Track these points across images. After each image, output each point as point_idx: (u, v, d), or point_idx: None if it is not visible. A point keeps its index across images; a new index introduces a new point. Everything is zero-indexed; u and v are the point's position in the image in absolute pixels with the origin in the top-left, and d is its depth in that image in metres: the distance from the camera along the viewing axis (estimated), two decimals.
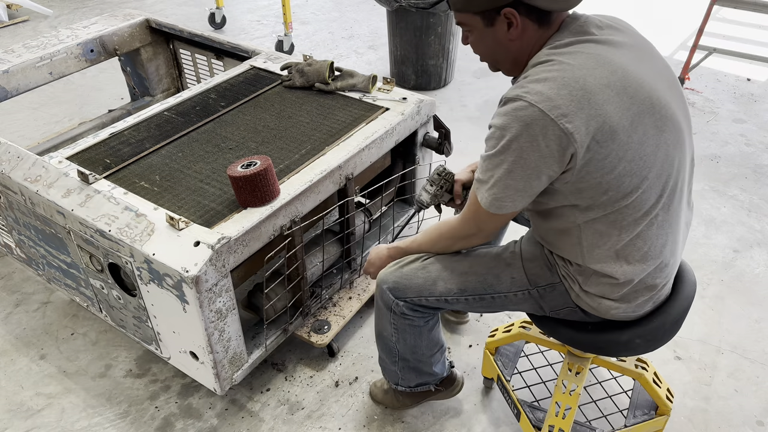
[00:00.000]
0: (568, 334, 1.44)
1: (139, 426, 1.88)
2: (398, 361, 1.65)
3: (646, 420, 1.68)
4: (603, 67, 1.15)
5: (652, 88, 1.19)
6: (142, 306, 1.71)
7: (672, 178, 1.24)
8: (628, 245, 1.26)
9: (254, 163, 1.62)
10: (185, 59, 2.90)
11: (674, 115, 1.23)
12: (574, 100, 1.11)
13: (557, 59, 1.16)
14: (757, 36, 4.37)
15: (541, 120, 1.11)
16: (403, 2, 3.34)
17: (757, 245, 2.54)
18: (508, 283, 1.44)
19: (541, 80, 1.14)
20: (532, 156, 1.14)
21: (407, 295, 1.48)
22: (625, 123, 1.15)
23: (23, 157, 1.85)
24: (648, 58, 1.25)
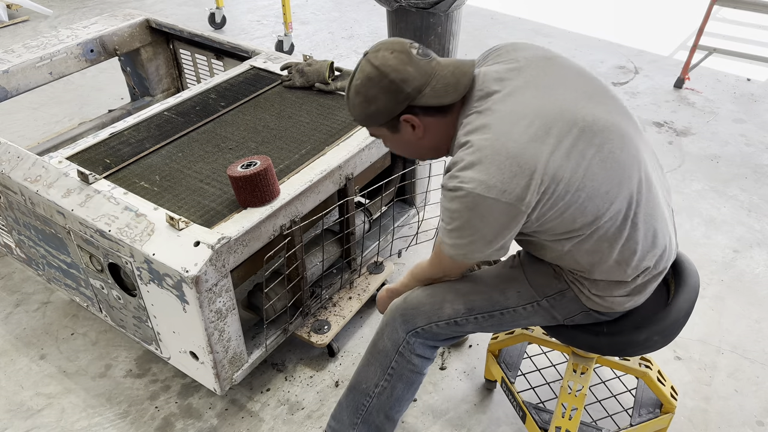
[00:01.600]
0: (587, 341, 1.43)
1: (139, 426, 1.88)
2: (359, 424, 1.55)
3: (652, 418, 1.68)
4: (517, 123, 1.16)
5: (572, 111, 1.19)
6: (142, 306, 1.71)
7: (635, 178, 1.24)
8: (623, 251, 1.27)
9: (254, 163, 1.62)
10: (185, 59, 2.90)
11: (606, 122, 1.22)
12: (505, 171, 1.14)
13: (473, 139, 1.18)
14: (757, 36, 4.37)
15: (483, 202, 1.15)
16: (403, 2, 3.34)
17: (757, 245, 2.54)
18: (515, 297, 1.41)
19: (468, 166, 1.16)
20: (485, 230, 1.19)
21: (417, 324, 1.44)
22: (561, 162, 1.16)
23: (23, 157, 1.85)
24: (558, 80, 1.24)
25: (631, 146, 1.24)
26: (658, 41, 4.35)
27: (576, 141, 1.17)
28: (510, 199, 1.14)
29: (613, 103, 1.27)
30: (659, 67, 4.00)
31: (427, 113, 1.24)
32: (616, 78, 3.86)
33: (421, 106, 1.23)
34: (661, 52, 4.21)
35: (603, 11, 4.87)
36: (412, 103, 1.22)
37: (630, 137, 1.25)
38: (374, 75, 1.22)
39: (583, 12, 4.86)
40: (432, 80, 1.22)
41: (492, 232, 1.19)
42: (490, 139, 1.16)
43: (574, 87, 1.24)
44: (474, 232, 1.20)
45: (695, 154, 3.13)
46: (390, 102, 1.22)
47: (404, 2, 3.33)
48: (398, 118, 1.25)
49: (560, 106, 1.19)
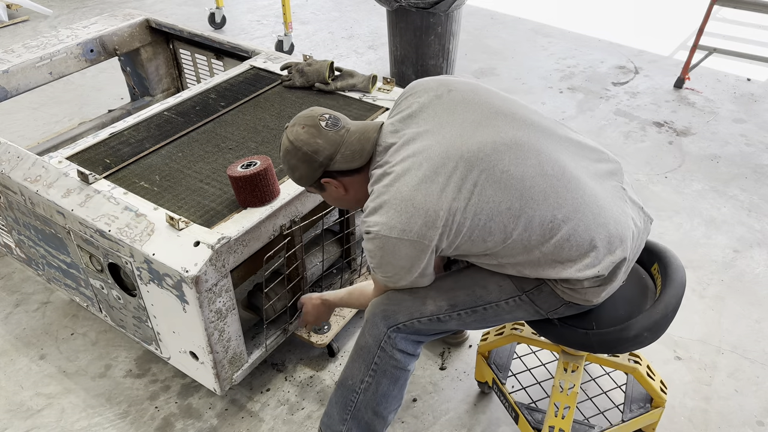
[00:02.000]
0: (577, 339, 1.43)
1: (139, 426, 1.88)
2: (349, 420, 1.56)
3: (643, 413, 1.69)
4: (409, 171, 1.29)
5: (458, 146, 1.30)
6: (142, 306, 1.71)
7: (537, 185, 1.29)
8: (557, 251, 1.30)
9: (254, 163, 1.62)
10: (185, 59, 2.90)
11: (495, 144, 1.30)
12: (403, 213, 1.27)
13: (376, 188, 1.34)
14: (757, 36, 4.37)
15: (389, 242, 1.30)
16: (403, 2, 3.34)
17: (757, 245, 2.54)
18: (496, 291, 1.43)
19: (372, 212, 1.32)
20: (401, 263, 1.34)
21: (399, 320, 1.45)
22: (454, 195, 1.27)
23: (23, 157, 1.85)
24: (446, 118, 1.35)
25: (530, 155, 1.31)
26: (658, 41, 4.35)
27: (464, 173, 1.28)
28: (412, 237, 1.28)
29: (503, 119, 1.35)
30: (659, 67, 4.00)
31: (343, 175, 1.42)
32: (616, 78, 3.86)
33: (336, 171, 1.41)
34: (661, 52, 4.21)
35: (603, 11, 4.87)
36: (327, 169, 1.40)
37: (528, 147, 1.31)
38: (291, 148, 1.41)
39: (583, 12, 4.86)
40: (341, 148, 1.39)
41: (407, 264, 1.34)
42: (387, 186, 1.31)
43: (460, 120, 1.34)
44: (392, 267, 1.35)
45: (695, 154, 3.13)
46: (308, 169, 1.41)
47: (404, 2, 3.34)
48: (320, 181, 1.44)
49: (446, 144, 1.30)
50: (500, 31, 4.51)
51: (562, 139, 1.38)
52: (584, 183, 1.33)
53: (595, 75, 3.89)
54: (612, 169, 1.42)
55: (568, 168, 1.32)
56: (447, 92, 1.39)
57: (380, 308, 1.47)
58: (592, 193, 1.33)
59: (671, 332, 2.15)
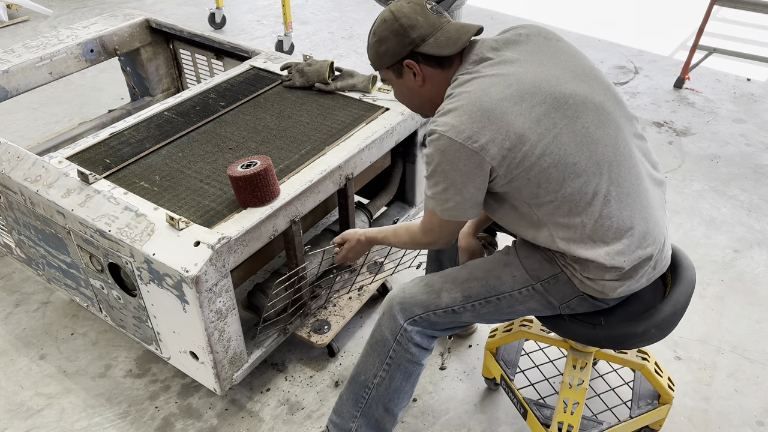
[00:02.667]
0: (585, 334, 1.44)
1: (139, 426, 1.88)
2: (359, 417, 1.57)
3: (650, 410, 1.69)
4: (497, 85, 1.29)
5: (552, 84, 1.30)
6: (142, 306, 1.71)
7: (610, 155, 1.30)
8: (596, 227, 1.30)
9: (254, 163, 1.62)
10: (185, 59, 2.90)
11: (585, 99, 1.31)
12: (476, 121, 1.26)
13: (456, 91, 1.33)
14: (757, 36, 4.37)
15: (452, 146, 1.27)
16: None
17: (757, 245, 2.54)
18: (510, 281, 1.44)
19: (445, 113, 1.30)
20: (455, 175, 1.30)
21: (415, 313, 1.47)
22: (530, 125, 1.26)
23: (23, 157, 1.85)
24: (548, 58, 1.35)
25: (610, 126, 1.32)
26: (658, 41, 4.35)
27: (549, 110, 1.28)
28: (475, 148, 1.26)
29: (600, 86, 1.36)
30: (659, 67, 4.00)
31: (428, 63, 1.38)
32: (616, 78, 3.86)
33: (423, 54, 1.37)
34: (661, 52, 4.21)
35: (603, 11, 4.87)
36: (415, 50, 1.36)
37: (612, 118, 1.33)
38: (389, 18, 1.37)
39: (583, 12, 4.86)
40: (437, 32, 1.36)
41: (461, 178, 1.30)
42: (469, 93, 1.29)
43: (562, 66, 1.34)
44: (445, 178, 1.31)
45: (695, 154, 3.13)
46: (398, 44, 1.37)
47: None
48: (402, 63, 1.39)
49: (541, 78, 1.30)
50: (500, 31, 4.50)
51: (635, 131, 1.42)
52: (642, 176, 1.36)
53: None
54: (661, 180, 1.46)
55: (635, 156, 1.36)
56: (556, 39, 1.41)
57: (397, 301, 1.49)
58: (645, 188, 1.36)
59: (671, 332, 2.15)
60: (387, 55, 1.40)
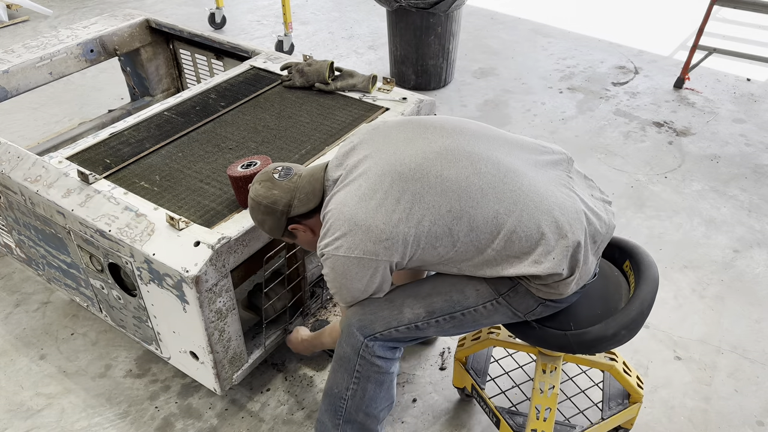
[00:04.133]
0: (557, 341, 1.43)
1: (139, 426, 1.88)
2: (341, 423, 1.56)
3: (622, 410, 1.70)
4: (349, 194, 1.36)
5: (394, 162, 1.36)
6: (142, 306, 1.71)
7: (474, 184, 1.32)
8: (509, 246, 1.32)
9: (254, 163, 1.62)
10: (185, 59, 2.90)
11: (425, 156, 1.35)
12: (347, 233, 1.33)
13: (324, 214, 1.41)
14: (757, 36, 4.37)
15: (338, 261, 1.35)
16: (403, 2, 3.34)
17: (757, 245, 2.54)
18: (474, 296, 1.42)
19: (323, 237, 1.38)
20: (354, 284, 1.39)
21: (376, 330, 1.44)
22: (394, 208, 1.31)
23: (23, 157, 1.85)
24: (383, 138, 1.43)
25: (462, 158, 1.35)
26: (658, 41, 4.35)
27: (402, 186, 1.33)
28: (358, 254, 1.33)
29: (440, 131, 1.41)
30: (659, 67, 4.00)
31: (306, 217, 1.48)
32: (616, 78, 3.86)
33: (298, 216, 1.46)
34: (661, 52, 4.21)
35: (603, 11, 4.87)
36: (289, 216, 1.46)
37: (459, 151, 1.36)
38: (253, 205, 1.47)
39: (583, 12, 4.86)
40: (296, 193, 1.45)
41: (360, 285, 1.39)
42: (331, 211, 1.38)
43: (395, 140, 1.41)
44: (347, 290, 1.40)
45: (695, 154, 3.13)
46: (273, 220, 1.47)
47: (404, 2, 3.34)
48: (287, 229, 1.49)
49: (383, 163, 1.37)
50: (500, 31, 4.51)
51: (497, 140, 1.43)
52: (522, 174, 1.35)
53: (595, 75, 3.89)
54: (556, 160, 1.45)
55: (503, 163, 1.36)
56: (383, 123, 1.49)
57: (356, 318, 1.45)
58: (531, 183, 1.35)
59: (671, 332, 2.15)
60: (274, 230, 1.49)
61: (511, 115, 3.46)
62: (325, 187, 1.46)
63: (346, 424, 1.55)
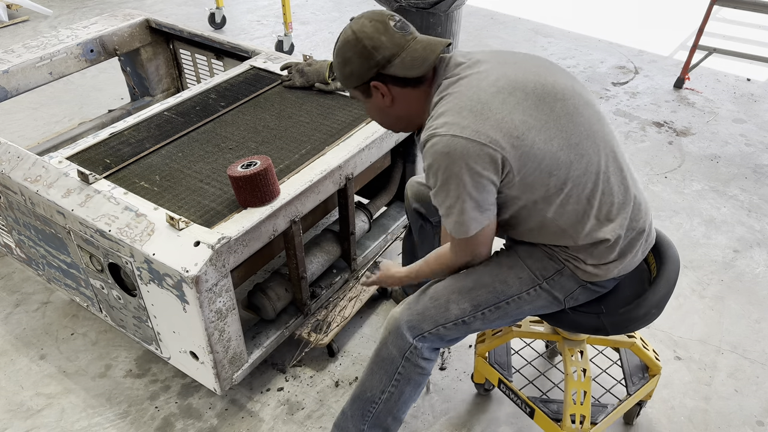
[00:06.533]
0: (590, 323, 1.48)
1: (139, 426, 1.88)
2: (366, 429, 1.56)
3: (644, 384, 1.75)
4: (485, 80, 1.28)
5: (535, 77, 1.30)
6: (142, 306, 1.71)
7: (601, 133, 1.33)
8: (602, 205, 1.33)
9: (254, 163, 1.62)
10: (185, 59, 2.90)
11: (566, 86, 1.33)
12: (477, 114, 1.22)
13: (445, 94, 1.30)
14: (757, 36, 4.37)
15: (457, 144, 1.22)
16: (403, 2, 3.34)
17: (757, 245, 2.54)
18: (517, 284, 1.43)
19: (441, 115, 1.26)
20: (465, 178, 1.23)
21: (424, 329, 1.44)
22: (531, 112, 1.25)
23: (23, 157, 1.85)
24: (520, 59, 1.37)
25: (593, 110, 1.36)
26: (658, 41, 4.35)
27: (541, 96, 1.28)
28: (483, 139, 1.21)
29: (573, 81, 1.39)
30: (659, 67, 4.00)
31: (396, 83, 1.33)
32: (616, 78, 3.86)
33: (390, 75, 1.32)
34: (661, 52, 4.21)
35: (603, 11, 4.87)
36: (381, 71, 1.31)
37: (591, 104, 1.37)
38: (351, 39, 1.31)
39: (583, 12, 4.86)
40: (402, 52, 1.30)
41: (472, 180, 1.23)
42: (460, 92, 1.27)
43: (535, 64, 1.36)
44: (457, 184, 1.24)
45: (695, 154, 3.13)
46: (362, 66, 1.32)
47: (404, 2, 3.33)
48: (369, 84, 1.35)
49: (522, 72, 1.31)
50: (500, 31, 4.51)
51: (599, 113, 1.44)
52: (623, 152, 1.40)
53: (595, 75, 3.89)
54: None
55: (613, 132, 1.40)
56: (518, 52, 1.43)
57: (404, 320, 1.45)
58: (628, 164, 1.40)
59: (671, 332, 2.15)
60: (353, 76, 1.35)
61: None
62: (437, 66, 1.34)
63: (370, 429, 1.56)
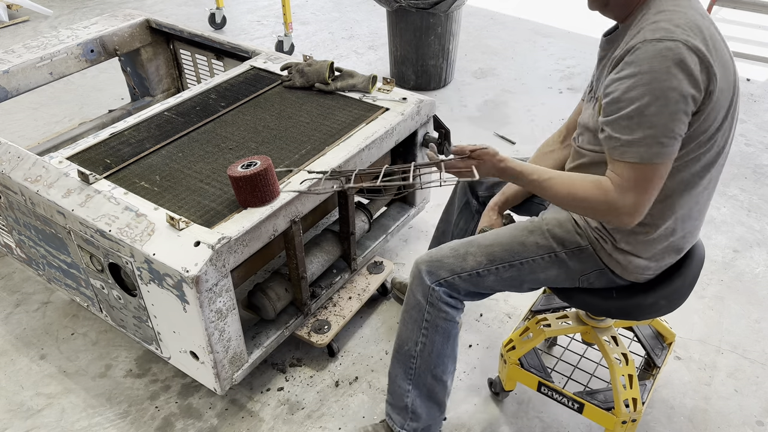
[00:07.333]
0: (598, 305, 1.51)
1: (139, 426, 1.88)
2: (411, 389, 1.60)
3: (666, 353, 1.83)
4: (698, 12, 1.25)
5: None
6: (142, 306, 1.71)
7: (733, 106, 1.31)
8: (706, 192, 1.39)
9: (254, 163, 1.62)
10: (185, 59, 2.90)
11: None
12: (701, 38, 1.20)
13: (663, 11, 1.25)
14: (757, 36, 4.37)
15: (677, 49, 1.17)
16: (403, 2, 3.34)
17: (757, 245, 2.54)
18: (534, 248, 1.49)
19: (672, 22, 1.21)
20: (670, 94, 1.17)
21: (441, 276, 1.51)
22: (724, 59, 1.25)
23: (23, 157, 1.85)
24: None
25: None
26: None
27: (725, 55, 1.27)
28: (704, 55, 1.18)
29: None
30: None
31: None
32: None
33: None
34: None
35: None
36: None
37: None
38: None
39: (583, 12, 4.86)
40: None
41: (676, 96, 1.17)
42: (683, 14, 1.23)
43: None
44: (657, 98, 1.18)
45: None
46: None
47: (404, 2, 3.34)
48: None
49: None
50: (500, 31, 4.51)
51: None
52: None
53: None
54: None
55: None
56: None
57: (424, 265, 1.54)
58: None
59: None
60: None
61: (511, 115, 3.46)
62: None
63: (415, 389, 1.61)
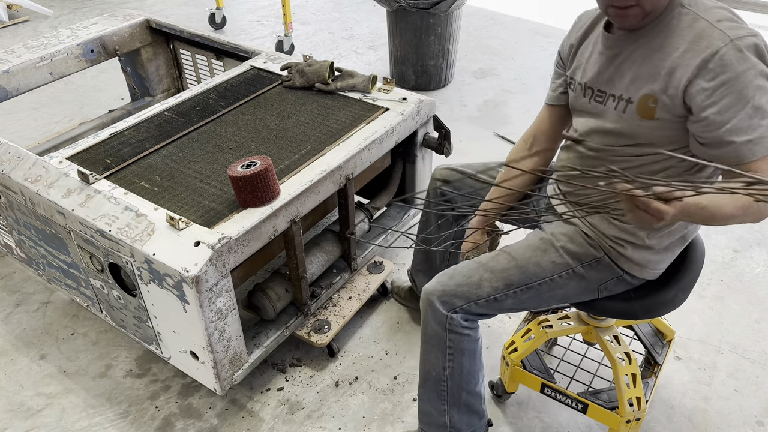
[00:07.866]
0: (619, 307, 1.52)
1: (139, 426, 1.88)
2: (447, 408, 1.58)
3: (667, 350, 1.85)
4: None
5: None
6: (142, 306, 1.71)
7: None
8: None
9: (254, 163, 1.62)
10: (185, 59, 2.90)
11: None
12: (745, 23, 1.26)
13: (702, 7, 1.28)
14: None
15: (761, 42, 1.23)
16: (403, 2, 3.34)
17: (757, 245, 2.54)
18: (550, 267, 1.48)
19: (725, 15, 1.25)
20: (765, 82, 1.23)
21: (456, 305, 1.48)
22: None
23: (23, 157, 1.85)
24: None
25: None
26: None
27: None
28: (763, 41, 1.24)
29: None
30: None
31: None
32: None
33: None
34: None
35: None
36: None
37: None
38: None
39: None
40: None
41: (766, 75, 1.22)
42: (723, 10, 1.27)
43: None
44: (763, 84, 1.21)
45: None
46: None
47: (404, 2, 3.34)
48: None
49: None
50: (500, 31, 4.51)
51: None
52: None
53: None
54: None
55: None
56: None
57: (436, 296, 1.49)
58: None
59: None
60: None
61: (511, 115, 3.46)
62: None
63: (451, 407, 1.59)
